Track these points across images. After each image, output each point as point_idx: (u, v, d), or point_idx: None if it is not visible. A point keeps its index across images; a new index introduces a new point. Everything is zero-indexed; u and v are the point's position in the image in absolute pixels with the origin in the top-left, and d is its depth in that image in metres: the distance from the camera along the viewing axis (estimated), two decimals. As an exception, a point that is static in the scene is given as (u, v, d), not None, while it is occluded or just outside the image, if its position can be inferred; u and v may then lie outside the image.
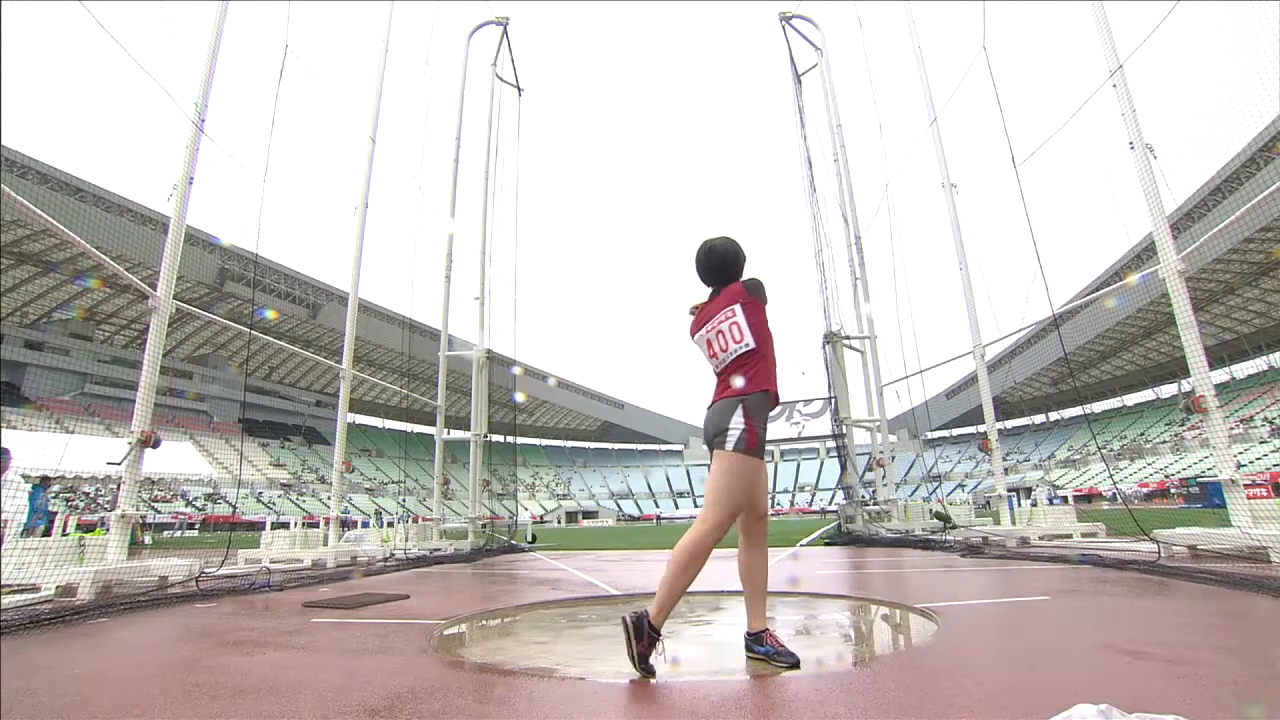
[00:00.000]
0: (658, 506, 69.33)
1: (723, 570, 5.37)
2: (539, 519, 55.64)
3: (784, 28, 13.41)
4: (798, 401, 71.29)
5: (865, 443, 13.03)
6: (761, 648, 2.18)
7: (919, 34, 10.17)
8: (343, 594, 4.64)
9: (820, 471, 69.16)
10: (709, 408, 2.31)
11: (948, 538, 8.25)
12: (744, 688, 1.91)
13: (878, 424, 11.56)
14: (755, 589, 2.27)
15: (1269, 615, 2.80)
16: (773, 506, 66.69)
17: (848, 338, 11.56)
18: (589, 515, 64.40)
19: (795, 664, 2.06)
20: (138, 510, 5.56)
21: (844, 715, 1.55)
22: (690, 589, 2.09)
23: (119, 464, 5.12)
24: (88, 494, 31.78)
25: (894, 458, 13.10)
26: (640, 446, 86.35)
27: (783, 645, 2.15)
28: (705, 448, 2.33)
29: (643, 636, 2.00)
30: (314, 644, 2.72)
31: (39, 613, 3.56)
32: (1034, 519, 7.95)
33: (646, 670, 1.99)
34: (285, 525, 11.13)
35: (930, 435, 66.30)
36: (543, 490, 69.75)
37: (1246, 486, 5.19)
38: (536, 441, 79.02)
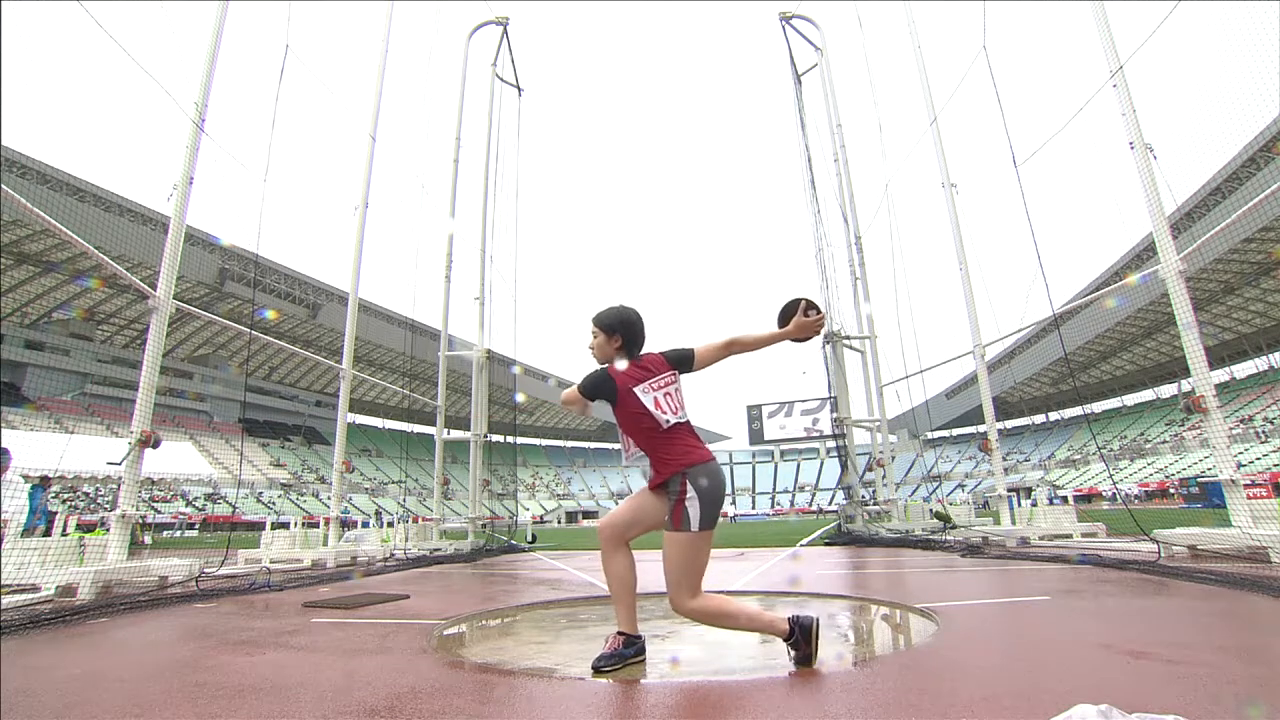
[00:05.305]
0: (658, 506, 69.18)
1: (724, 569, 5.37)
2: (539, 519, 55.64)
3: (784, 28, 13.42)
4: (797, 401, 71.24)
5: (865, 443, 13.04)
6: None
7: (919, 34, 10.17)
8: (343, 594, 4.64)
9: (820, 471, 69.15)
10: (709, 464, 2.15)
11: (948, 538, 8.25)
12: (744, 687, 1.91)
13: (878, 424, 11.57)
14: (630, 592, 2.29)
15: (1269, 615, 2.80)
16: (773, 506, 66.83)
17: (848, 338, 11.57)
18: (589, 515, 64.35)
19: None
20: (138, 510, 5.56)
21: (844, 715, 1.55)
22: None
23: (119, 464, 5.13)
24: (88, 494, 31.79)
25: (894, 458, 13.10)
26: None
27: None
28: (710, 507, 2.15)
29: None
30: (314, 644, 2.72)
31: (39, 613, 3.56)
32: (1034, 519, 7.95)
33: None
34: (285, 525, 11.16)
35: (930, 435, 66.31)
36: (543, 490, 69.75)
37: (1246, 486, 5.19)
38: (536, 441, 79.02)
